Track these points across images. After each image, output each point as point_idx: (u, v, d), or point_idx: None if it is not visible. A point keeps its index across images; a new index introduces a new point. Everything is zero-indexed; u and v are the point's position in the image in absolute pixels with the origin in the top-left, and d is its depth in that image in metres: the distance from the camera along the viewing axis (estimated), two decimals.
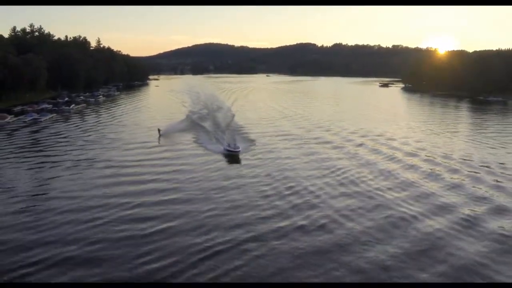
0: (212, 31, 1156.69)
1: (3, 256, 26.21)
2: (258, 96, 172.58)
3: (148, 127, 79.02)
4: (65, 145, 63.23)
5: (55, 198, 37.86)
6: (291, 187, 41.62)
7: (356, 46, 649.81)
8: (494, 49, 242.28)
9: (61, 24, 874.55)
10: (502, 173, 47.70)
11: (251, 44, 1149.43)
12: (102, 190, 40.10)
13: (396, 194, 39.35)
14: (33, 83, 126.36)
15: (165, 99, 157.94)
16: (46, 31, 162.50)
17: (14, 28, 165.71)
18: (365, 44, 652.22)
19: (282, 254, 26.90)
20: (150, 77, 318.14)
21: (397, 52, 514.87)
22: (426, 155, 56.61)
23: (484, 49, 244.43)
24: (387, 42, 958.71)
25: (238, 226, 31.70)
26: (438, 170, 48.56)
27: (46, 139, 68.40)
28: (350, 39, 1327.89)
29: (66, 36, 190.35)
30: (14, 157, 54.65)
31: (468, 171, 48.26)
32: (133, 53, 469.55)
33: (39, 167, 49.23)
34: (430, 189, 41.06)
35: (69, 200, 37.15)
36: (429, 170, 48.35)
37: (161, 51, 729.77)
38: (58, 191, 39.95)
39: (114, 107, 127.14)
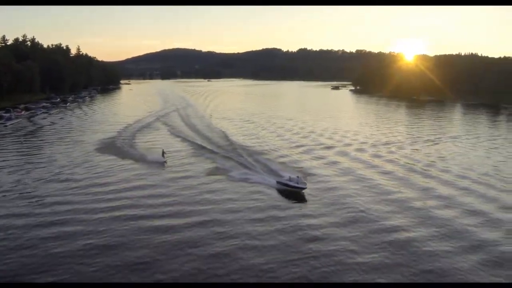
0: (181, 36, 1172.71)
1: None
2: (220, 99, 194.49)
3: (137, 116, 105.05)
4: (75, 124, 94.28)
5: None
6: None
7: (321, 51, 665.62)
8: (455, 53, 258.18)
9: (27, 25, 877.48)
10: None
11: (218, 49, 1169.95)
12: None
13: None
14: (29, 86, 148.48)
15: (141, 99, 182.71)
16: (36, 40, 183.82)
17: (4, 37, 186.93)
18: (330, 49, 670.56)
19: None
20: (122, 81, 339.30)
21: (360, 56, 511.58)
22: (326, 134, 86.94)
23: (448, 52, 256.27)
24: (351, 47, 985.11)
25: None
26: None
27: (59, 121, 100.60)
28: (316, 44, 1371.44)
29: (51, 44, 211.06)
30: (44, 132, 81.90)
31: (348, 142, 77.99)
32: (103, 58, 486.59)
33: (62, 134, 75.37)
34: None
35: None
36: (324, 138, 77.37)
37: (130, 56, 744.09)
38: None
39: (100, 104, 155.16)
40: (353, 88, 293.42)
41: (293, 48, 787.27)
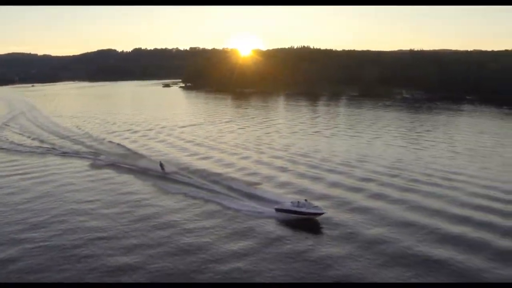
0: (15, 39, 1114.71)
1: None
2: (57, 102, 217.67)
3: None
4: None
5: None
6: None
7: (155, 50, 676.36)
8: (287, 46, 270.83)
9: None
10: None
11: (54, 52, 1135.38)
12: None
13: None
14: None
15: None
16: None
17: None
18: (164, 47, 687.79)
19: None
20: None
21: (194, 54, 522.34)
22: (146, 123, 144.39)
23: (282, 46, 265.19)
24: (186, 45, 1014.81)
25: None
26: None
27: None
28: (150, 43, 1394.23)
29: None
30: None
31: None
32: None
33: None
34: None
35: None
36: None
37: None
38: None
39: None
40: (183, 85, 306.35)
41: (128, 48, 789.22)
